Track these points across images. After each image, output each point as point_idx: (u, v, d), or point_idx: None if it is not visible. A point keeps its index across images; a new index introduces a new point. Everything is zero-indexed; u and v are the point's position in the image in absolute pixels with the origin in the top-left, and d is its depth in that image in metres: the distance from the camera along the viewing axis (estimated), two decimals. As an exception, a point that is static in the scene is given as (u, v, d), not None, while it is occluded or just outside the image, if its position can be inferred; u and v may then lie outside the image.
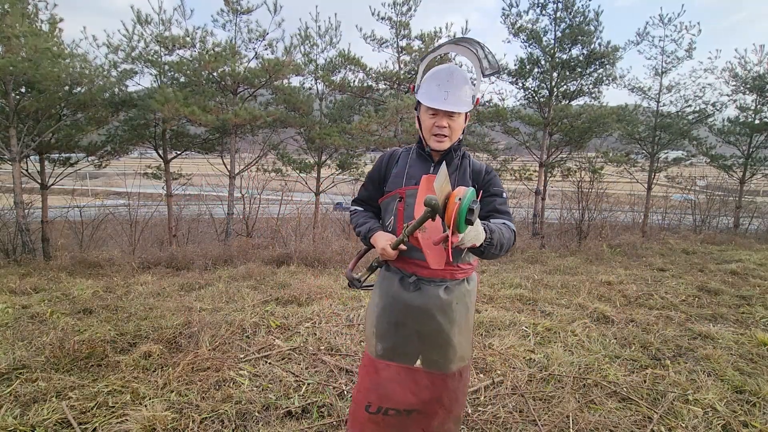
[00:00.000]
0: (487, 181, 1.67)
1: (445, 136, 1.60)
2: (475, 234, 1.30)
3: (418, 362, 1.71)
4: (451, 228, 1.23)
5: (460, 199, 1.19)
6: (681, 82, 11.66)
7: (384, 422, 1.68)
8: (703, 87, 11.64)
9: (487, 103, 11.49)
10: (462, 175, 1.65)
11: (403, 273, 1.66)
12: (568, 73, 10.43)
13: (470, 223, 1.21)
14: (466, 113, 1.62)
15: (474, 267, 1.74)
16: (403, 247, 1.54)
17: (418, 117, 1.66)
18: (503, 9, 10.51)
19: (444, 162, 1.56)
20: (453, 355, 1.69)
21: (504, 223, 1.55)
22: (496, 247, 1.44)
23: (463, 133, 1.66)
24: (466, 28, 10.63)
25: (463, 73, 1.58)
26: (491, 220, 1.56)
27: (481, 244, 1.37)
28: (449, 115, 1.57)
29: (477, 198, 1.24)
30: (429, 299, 1.62)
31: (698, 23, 10.86)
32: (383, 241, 1.58)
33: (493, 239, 1.41)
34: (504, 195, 1.68)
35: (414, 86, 1.66)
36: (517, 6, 10.40)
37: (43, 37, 7.11)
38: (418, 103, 1.63)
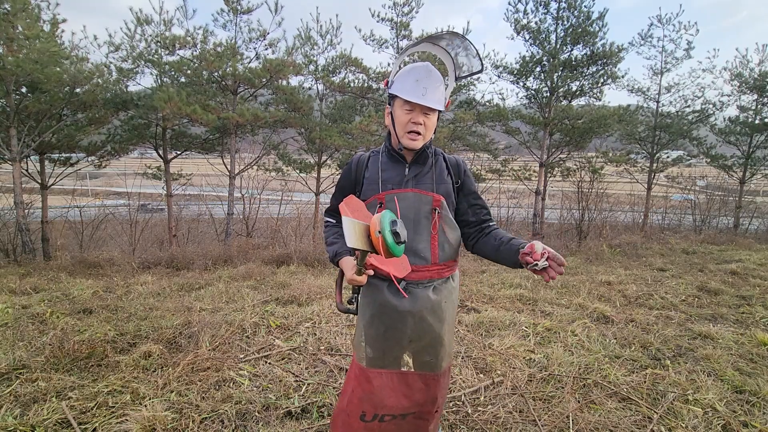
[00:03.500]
0: (464, 177, 1.69)
1: (419, 134, 1.56)
2: None
3: (410, 364, 1.71)
4: (382, 254, 1.26)
5: (380, 232, 1.19)
6: (680, 82, 11.68)
7: (380, 429, 1.67)
8: (702, 87, 11.67)
9: (487, 103, 11.50)
10: (440, 173, 1.64)
11: (390, 279, 1.62)
12: (570, 73, 10.43)
13: (401, 243, 1.24)
14: (438, 114, 1.61)
15: (457, 263, 1.74)
16: (370, 272, 1.49)
17: (390, 113, 1.61)
18: (508, 4, 10.51)
19: (414, 183, 1.60)
20: (444, 353, 1.70)
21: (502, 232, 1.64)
22: None
23: (434, 134, 1.65)
24: (467, 29, 10.60)
25: (439, 74, 1.57)
26: (492, 233, 1.65)
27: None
28: (425, 112, 1.54)
29: (396, 217, 1.28)
30: (419, 302, 1.60)
31: (695, 23, 10.90)
32: (349, 270, 1.51)
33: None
34: (478, 191, 1.73)
35: (387, 81, 1.61)
36: (525, 3, 10.39)
37: (47, 39, 7.12)
38: (392, 98, 1.59)
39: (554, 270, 1.35)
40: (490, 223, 1.69)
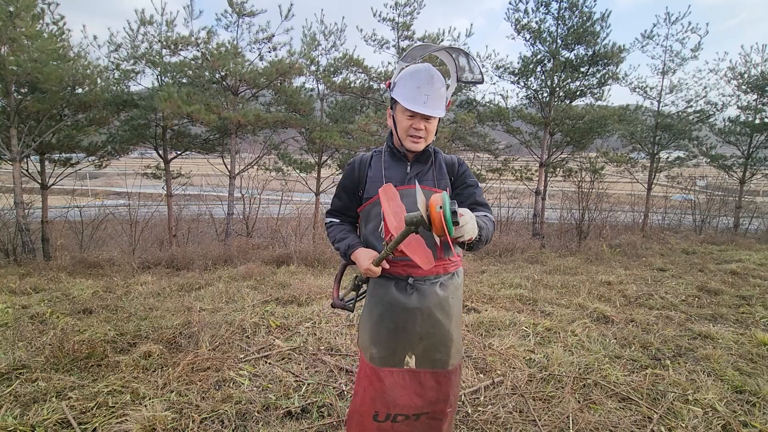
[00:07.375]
0: (461, 173, 1.70)
1: (421, 138, 1.60)
2: (472, 227, 1.31)
3: (410, 364, 1.71)
4: (446, 234, 1.24)
5: (441, 207, 1.21)
6: (684, 82, 11.67)
7: (393, 429, 1.68)
8: (705, 87, 11.65)
9: (488, 104, 11.49)
10: (439, 170, 1.68)
11: (397, 277, 1.64)
12: (571, 73, 10.42)
13: (457, 224, 1.24)
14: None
15: (461, 259, 1.77)
16: (386, 265, 1.54)
17: (393, 115, 1.64)
18: (509, 4, 10.48)
19: (417, 180, 1.59)
20: (454, 349, 1.71)
21: (486, 216, 1.59)
22: (483, 242, 1.47)
23: (436, 134, 1.67)
24: (470, 31, 10.56)
25: (441, 76, 1.58)
26: (474, 213, 1.56)
27: (473, 239, 1.37)
28: (426, 118, 1.57)
29: (450, 196, 1.28)
30: (427, 298, 1.63)
31: (707, 24, 10.88)
32: (366, 260, 1.55)
33: (482, 236, 1.42)
34: (479, 185, 1.72)
35: (389, 83, 1.63)
36: (525, 3, 10.36)
37: (50, 39, 7.13)
38: (393, 100, 1.61)
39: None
40: (478, 210, 1.64)
